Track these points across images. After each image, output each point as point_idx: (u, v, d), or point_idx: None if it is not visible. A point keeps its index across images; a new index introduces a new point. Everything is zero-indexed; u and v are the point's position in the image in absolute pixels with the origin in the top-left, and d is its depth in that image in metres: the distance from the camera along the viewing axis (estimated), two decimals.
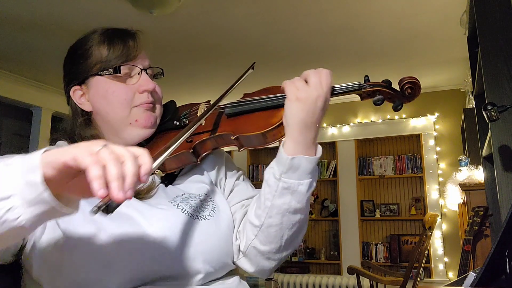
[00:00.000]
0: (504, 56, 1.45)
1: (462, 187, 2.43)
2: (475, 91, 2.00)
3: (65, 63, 0.94)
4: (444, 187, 3.49)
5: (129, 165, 0.53)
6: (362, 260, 3.91)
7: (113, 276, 0.72)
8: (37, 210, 0.54)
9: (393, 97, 0.87)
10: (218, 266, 0.83)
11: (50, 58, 3.66)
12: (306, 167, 0.81)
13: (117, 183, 0.51)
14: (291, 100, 0.80)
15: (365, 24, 3.10)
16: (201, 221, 0.83)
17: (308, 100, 0.79)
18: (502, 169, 1.43)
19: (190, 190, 0.90)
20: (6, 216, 0.53)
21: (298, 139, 0.80)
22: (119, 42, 0.88)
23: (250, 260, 0.87)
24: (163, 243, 0.77)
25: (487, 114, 1.20)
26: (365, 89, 0.87)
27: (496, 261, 0.74)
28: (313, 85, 0.80)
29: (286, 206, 0.82)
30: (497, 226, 1.99)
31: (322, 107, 0.80)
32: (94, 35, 0.90)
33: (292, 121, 0.80)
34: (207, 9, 2.87)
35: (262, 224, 0.84)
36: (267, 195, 0.83)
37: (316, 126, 0.81)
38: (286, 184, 0.81)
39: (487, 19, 1.52)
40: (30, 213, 0.53)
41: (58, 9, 2.84)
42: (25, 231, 0.58)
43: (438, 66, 3.97)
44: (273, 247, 0.85)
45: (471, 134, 3.08)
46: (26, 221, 0.54)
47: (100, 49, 0.88)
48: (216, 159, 0.99)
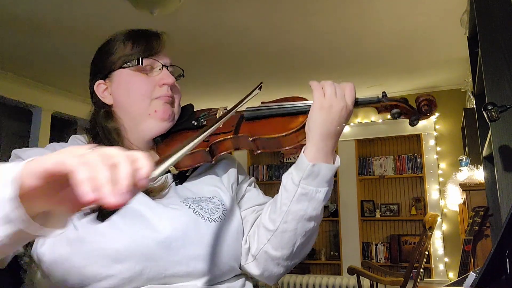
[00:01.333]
0: (504, 56, 1.45)
1: (462, 187, 2.43)
2: (476, 91, 2.00)
3: (92, 62, 0.98)
4: (445, 187, 3.49)
5: (123, 168, 0.46)
6: (362, 261, 3.91)
7: (121, 272, 0.73)
8: (9, 230, 0.48)
9: (409, 113, 0.91)
10: (225, 269, 0.83)
11: (50, 58, 3.66)
12: (325, 174, 0.83)
13: (108, 187, 0.44)
14: (317, 108, 0.83)
15: (365, 24, 3.10)
16: (211, 223, 0.84)
17: (333, 110, 0.82)
18: (503, 169, 1.43)
19: (202, 192, 0.91)
20: None
21: (319, 146, 0.83)
22: (143, 39, 0.92)
23: (259, 265, 0.88)
24: (173, 243, 0.77)
25: (488, 114, 1.20)
26: (384, 102, 0.91)
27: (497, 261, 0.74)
28: (340, 96, 0.84)
29: (302, 212, 0.84)
30: (497, 226, 1.99)
31: (345, 117, 0.84)
32: (120, 35, 0.94)
33: (316, 128, 0.83)
34: (208, 9, 2.87)
35: (276, 228, 0.85)
36: (284, 200, 0.85)
37: (338, 135, 0.84)
38: (304, 190, 0.83)
39: (487, 19, 1.52)
40: (3, 232, 0.48)
41: (58, 9, 2.84)
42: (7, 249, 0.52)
43: (438, 66, 3.97)
44: (284, 253, 0.86)
45: (472, 134, 3.07)
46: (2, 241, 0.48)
47: (125, 45, 0.91)
48: (229, 164, 1.01)
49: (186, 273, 0.78)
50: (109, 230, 0.75)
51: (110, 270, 0.72)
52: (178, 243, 0.78)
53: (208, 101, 4.91)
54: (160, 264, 0.76)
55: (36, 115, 4.47)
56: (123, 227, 0.76)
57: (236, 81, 4.31)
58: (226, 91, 4.62)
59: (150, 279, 0.75)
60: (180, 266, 0.77)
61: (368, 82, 4.43)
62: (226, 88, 4.53)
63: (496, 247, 0.73)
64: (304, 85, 3.93)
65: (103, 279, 0.72)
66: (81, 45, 3.34)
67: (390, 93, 0.87)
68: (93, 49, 0.99)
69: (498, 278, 0.76)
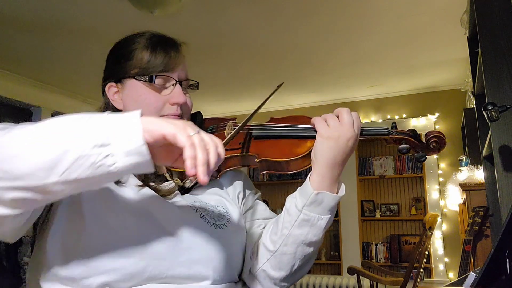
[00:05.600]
0: (504, 56, 1.45)
1: (462, 187, 2.43)
2: (476, 91, 2.00)
3: (108, 57, 0.96)
4: (445, 187, 3.49)
5: (212, 154, 0.62)
6: (362, 260, 3.91)
7: (124, 267, 0.73)
8: (132, 160, 0.60)
9: (417, 147, 0.91)
10: (225, 277, 0.84)
11: (50, 58, 3.66)
12: (328, 203, 0.84)
13: (203, 168, 0.60)
14: (323, 137, 0.83)
15: (365, 24, 3.10)
16: (217, 230, 0.85)
17: (340, 139, 0.82)
18: (503, 169, 1.43)
19: (207, 200, 0.92)
20: (103, 161, 0.59)
21: (325, 175, 0.84)
22: (161, 51, 0.90)
23: (258, 282, 0.90)
24: (178, 244, 0.78)
25: (488, 114, 1.20)
26: (393, 135, 0.91)
27: (497, 261, 0.74)
28: (347, 126, 0.83)
29: (303, 237, 0.85)
30: (497, 226, 1.99)
31: (351, 147, 0.84)
32: (141, 38, 0.92)
33: (321, 157, 0.83)
34: (208, 9, 2.87)
35: (276, 250, 0.87)
36: (286, 224, 0.86)
37: (343, 164, 0.85)
38: (306, 217, 0.84)
39: (487, 19, 1.52)
40: (124, 162, 0.60)
41: (58, 9, 2.84)
42: (113, 178, 0.64)
43: (438, 66, 3.97)
44: (282, 274, 0.88)
45: (472, 134, 3.07)
46: (119, 169, 0.60)
47: (142, 53, 0.90)
48: (235, 175, 1.02)
49: (187, 275, 0.78)
50: (119, 226, 0.76)
51: (114, 263, 0.73)
52: (184, 245, 0.79)
53: (208, 101, 4.91)
54: (163, 263, 0.76)
55: (36, 114, 4.47)
56: (132, 225, 0.77)
57: (236, 81, 4.31)
58: (226, 91, 4.62)
59: (151, 277, 0.75)
60: (183, 268, 0.78)
61: (368, 82, 4.43)
62: (226, 88, 4.53)
63: (496, 247, 0.73)
64: (304, 85, 3.94)
65: (105, 273, 0.73)
66: (81, 45, 3.34)
67: (390, 93, 0.87)
68: (93, 48, 0.99)
69: (498, 278, 0.76)
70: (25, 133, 0.62)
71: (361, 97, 4.83)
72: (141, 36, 0.93)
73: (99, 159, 0.59)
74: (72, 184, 0.61)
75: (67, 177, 0.59)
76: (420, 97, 4.63)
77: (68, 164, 0.59)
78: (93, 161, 0.59)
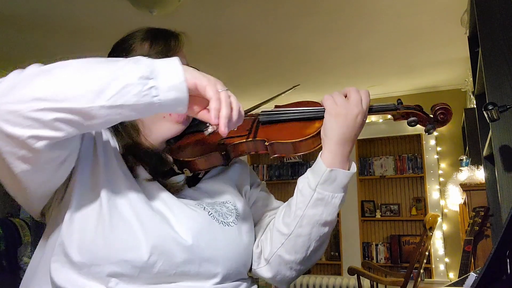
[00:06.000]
0: (505, 55, 1.44)
1: (463, 187, 2.42)
2: (476, 91, 1.99)
3: (109, 55, 0.96)
4: (445, 187, 3.49)
5: (235, 111, 0.71)
6: (362, 261, 3.91)
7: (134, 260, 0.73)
8: (173, 95, 0.67)
9: (424, 121, 0.92)
10: (234, 274, 0.84)
11: (49, 57, 3.65)
12: (341, 180, 0.84)
13: (225, 121, 0.68)
14: (332, 115, 0.84)
15: (365, 24, 3.10)
16: (225, 227, 0.85)
17: (348, 116, 0.84)
18: (503, 169, 1.42)
19: (215, 196, 0.92)
20: (148, 91, 0.65)
21: (336, 151, 0.84)
22: (161, 40, 0.91)
23: (272, 268, 0.90)
24: (187, 242, 0.78)
25: (488, 114, 1.20)
26: (400, 110, 0.92)
27: (497, 261, 0.73)
28: (355, 102, 0.85)
29: (318, 217, 0.84)
30: (498, 227, 1.98)
31: (361, 123, 0.85)
32: (139, 32, 0.93)
33: (332, 135, 0.84)
34: (207, 9, 2.87)
35: (291, 233, 0.86)
36: (299, 204, 0.86)
37: (354, 140, 0.85)
38: (320, 195, 0.84)
39: (488, 18, 1.51)
40: (166, 96, 0.66)
41: (57, 9, 2.84)
42: (154, 110, 0.68)
43: (438, 66, 3.97)
44: (298, 257, 0.87)
45: (472, 134, 3.07)
46: (161, 102, 0.66)
47: (142, 45, 0.90)
48: (241, 168, 1.02)
49: (196, 273, 0.79)
50: (133, 219, 0.76)
51: (125, 255, 0.73)
52: (193, 244, 0.79)
53: None
54: (173, 260, 0.76)
55: None
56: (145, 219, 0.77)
57: (235, 81, 4.31)
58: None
59: (160, 273, 0.75)
60: (192, 266, 0.78)
61: (368, 82, 4.43)
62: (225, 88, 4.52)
63: (497, 247, 0.72)
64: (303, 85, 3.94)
65: (116, 263, 0.73)
66: (80, 44, 3.34)
67: (390, 93, 0.88)
68: (92, 48, 0.99)
69: (498, 278, 0.76)
70: (72, 64, 0.69)
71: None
72: (138, 30, 0.94)
73: (144, 89, 0.65)
74: (116, 110, 0.66)
75: (113, 102, 0.64)
76: (420, 97, 4.63)
77: (116, 90, 0.64)
78: (139, 89, 0.65)
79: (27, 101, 0.63)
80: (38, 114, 0.63)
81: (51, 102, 0.63)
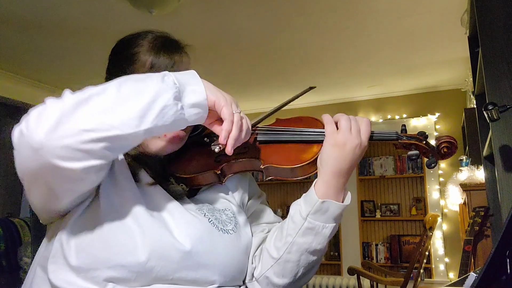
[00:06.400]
0: (505, 55, 1.44)
1: (462, 187, 2.42)
2: (476, 91, 1.99)
3: (110, 57, 0.95)
4: (445, 187, 3.48)
5: (244, 133, 0.76)
6: (362, 261, 3.90)
7: (132, 265, 0.73)
8: (196, 111, 0.72)
9: (427, 153, 0.88)
10: (230, 282, 0.84)
11: (49, 58, 3.66)
12: (333, 212, 0.83)
13: (233, 142, 0.74)
14: (330, 145, 0.82)
15: (365, 24, 3.09)
16: (224, 234, 0.85)
17: (346, 147, 0.81)
18: (503, 169, 1.42)
19: (214, 203, 0.92)
20: (182, 111, 0.71)
21: (330, 183, 0.82)
22: (165, 55, 0.89)
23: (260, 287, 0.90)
24: (185, 248, 0.78)
25: (488, 114, 1.19)
26: (402, 140, 0.88)
27: (497, 261, 0.73)
28: (354, 133, 0.82)
29: (307, 246, 0.84)
30: (497, 227, 1.98)
31: (359, 155, 0.83)
32: (144, 41, 0.90)
33: (327, 165, 0.82)
34: (206, 9, 2.86)
35: (280, 257, 0.86)
36: (290, 231, 0.85)
37: (350, 173, 0.83)
38: (311, 225, 0.83)
39: (488, 18, 1.51)
40: (190, 112, 0.72)
41: (57, 9, 2.84)
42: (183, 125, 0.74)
43: (438, 66, 3.97)
44: (285, 281, 0.87)
45: (472, 134, 3.07)
46: (187, 119, 0.72)
47: (145, 57, 0.88)
48: (241, 179, 1.01)
49: (193, 279, 0.79)
50: (132, 223, 0.76)
51: (123, 260, 0.73)
52: (192, 249, 0.78)
53: None
54: (171, 266, 0.76)
55: None
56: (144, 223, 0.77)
57: (235, 81, 4.31)
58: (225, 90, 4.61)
59: (158, 278, 0.75)
60: (190, 271, 0.78)
61: (368, 82, 4.43)
62: (225, 88, 4.50)
63: (497, 247, 0.72)
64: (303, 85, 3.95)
65: (113, 268, 0.73)
66: (81, 45, 3.34)
67: (390, 93, 0.85)
68: (92, 48, 0.99)
69: (498, 278, 0.76)
70: (107, 90, 0.69)
71: (361, 97, 4.83)
72: (144, 38, 0.91)
73: (179, 108, 0.70)
74: (157, 130, 0.70)
75: (155, 125, 0.69)
76: (420, 97, 4.63)
77: (156, 113, 0.68)
78: (175, 110, 0.70)
79: (76, 134, 0.64)
80: (88, 145, 0.65)
81: (98, 132, 0.65)
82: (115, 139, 0.67)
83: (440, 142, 0.87)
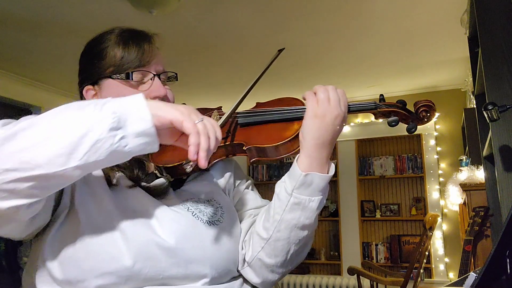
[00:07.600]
0: (504, 55, 1.45)
1: (462, 187, 2.42)
2: (476, 91, 1.99)
3: (80, 59, 0.95)
4: (445, 187, 3.48)
5: (212, 140, 0.68)
6: (362, 261, 3.91)
7: (119, 270, 0.73)
8: (142, 141, 0.65)
9: (407, 119, 0.88)
10: (224, 273, 0.84)
11: (50, 58, 3.66)
12: (318, 184, 0.82)
13: (204, 153, 0.66)
14: (310, 117, 0.81)
15: (365, 24, 3.10)
16: (210, 226, 0.84)
17: (326, 118, 0.81)
18: (503, 169, 1.42)
19: (200, 194, 0.91)
20: (119, 143, 0.63)
21: (313, 155, 0.82)
22: (134, 45, 0.88)
23: (254, 271, 0.89)
24: (171, 245, 0.77)
25: (488, 114, 1.20)
26: (381, 109, 0.88)
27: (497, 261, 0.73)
28: (333, 104, 0.82)
29: (295, 221, 0.83)
30: (497, 226, 1.98)
31: (339, 125, 0.82)
32: (111, 35, 0.91)
33: (309, 137, 0.81)
34: (207, 9, 2.86)
35: (269, 237, 0.85)
36: (277, 209, 0.84)
37: (332, 144, 0.83)
38: (297, 200, 0.82)
39: (487, 18, 1.51)
40: (134, 143, 0.65)
41: (58, 9, 2.84)
42: (124, 158, 0.67)
43: (438, 66, 3.97)
44: (278, 260, 0.86)
45: (472, 134, 3.07)
46: (131, 149, 0.65)
47: (114, 51, 0.88)
48: (226, 166, 1.00)
49: (184, 275, 0.78)
50: (112, 229, 0.75)
51: (109, 267, 0.72)
52: (178, 246, 0.78)
53: (207, 100, 4.91)
54: (159, 265, 0.76)
55: (36, 114, 4.46)
56: (125, 228, 0.76)
57: (234, 81, 4.31)
58: (224, 90, 4.61)
59: (148, 279, 0.75)
60: (179, 268, 0.77)
61: (367, 82, 4.43)
62: (224, 87, 4.53)
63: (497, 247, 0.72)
64: (303, 85, 3.95)
65: (100, 276, 0.72)
66: (81, 45, 3.33)
67: (390, 93, 0.85)
68: None
69: (498, 278, 0.76)
70: (37, 123, 0.64)
71: (361, 97, 4.83)
72: (110, 33, 0.91)
73: (116, 141, 0.63)
74: (90, 166, 0.64)
75: (86, 161, 0.62)
76: (420, 97, 4.57)
77: (87, 148, 0.62)
78: (111, 143, 0.63)
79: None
80: (11, 185, 0.61)
81: (22, 172, 0.61)
82: (41, 179, 0.62)
83: (418, 106, 0.87)
